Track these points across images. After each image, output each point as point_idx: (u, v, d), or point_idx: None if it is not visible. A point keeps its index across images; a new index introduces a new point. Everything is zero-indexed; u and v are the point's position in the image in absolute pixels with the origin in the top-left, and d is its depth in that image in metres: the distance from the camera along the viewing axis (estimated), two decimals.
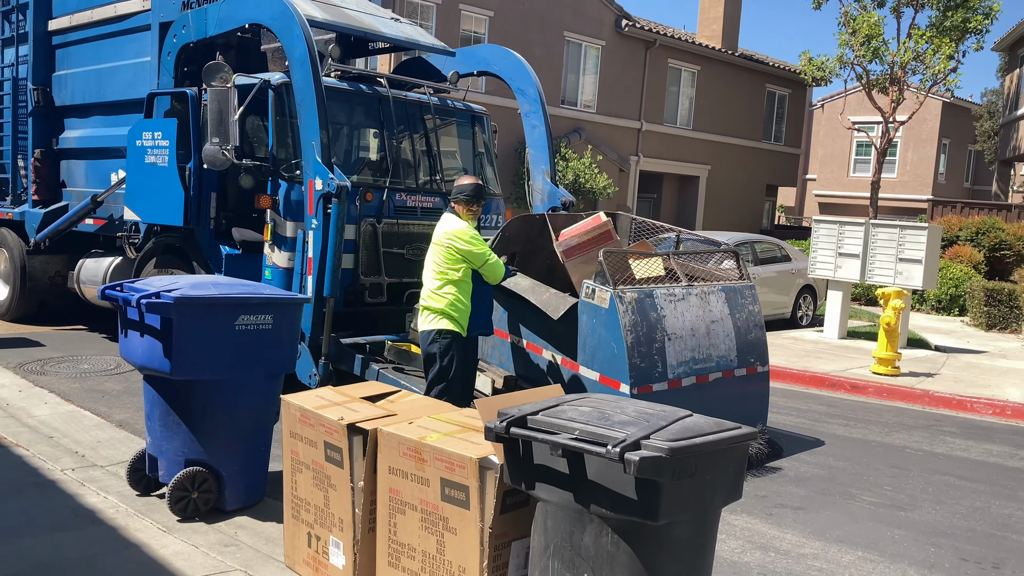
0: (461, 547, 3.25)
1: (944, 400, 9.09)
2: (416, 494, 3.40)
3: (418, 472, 3.39)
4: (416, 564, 3.42)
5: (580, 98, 23.36)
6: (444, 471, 3.29)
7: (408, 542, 3.45)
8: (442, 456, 3.30)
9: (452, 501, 3.27)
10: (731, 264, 7.09)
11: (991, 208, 23.44)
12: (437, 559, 3.34)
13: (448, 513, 3.29)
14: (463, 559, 3.25)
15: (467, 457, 3.21)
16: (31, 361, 8.18)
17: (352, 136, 8.35)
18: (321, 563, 3.86)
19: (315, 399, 4.05)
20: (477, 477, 3.18)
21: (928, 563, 4.78)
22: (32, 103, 9.96)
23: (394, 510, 3.49)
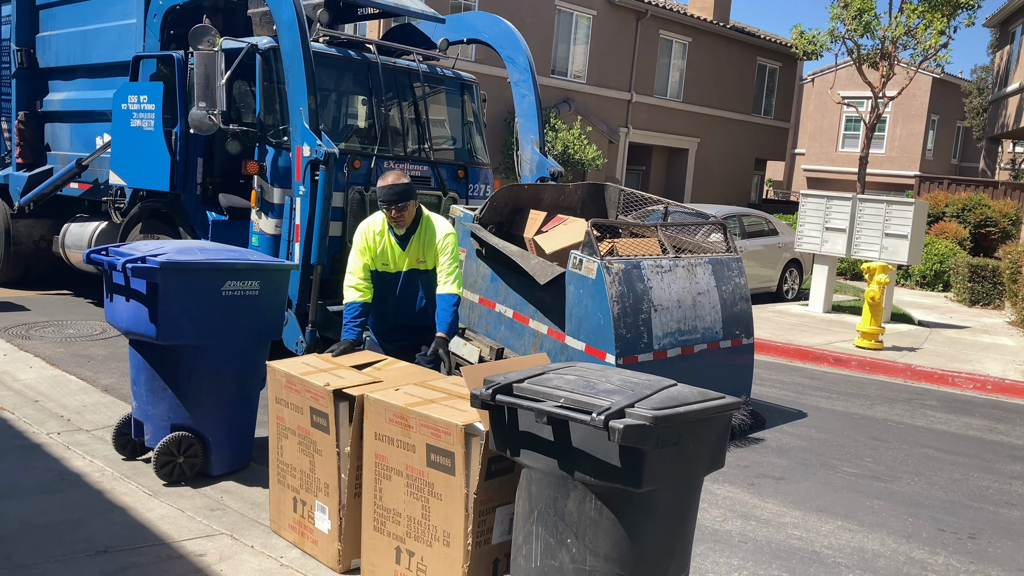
0: (446, 512, 3.29)
1: (926, 374, 9.19)
2: (402, 460, 3.43)
3: (404, 438, 3.41)
4: (401, 529, 3.45)
5: (570, 68, 23.21)
6: (430, 437, 3.31)
7: (393, 507, 3.48)
8: (428, 422, 3.32)
9: (437, 467, 3.30)
10: (718, 237, 7.12)
11: (978, 185, 23.54)
12: (422, 524, 3.37)
13: (433, 479, 3.32)
14: (448, 524, 3.28)
15: (453, 423, 3.23)
16: (16, 325, 8.14)
17: (340, 103, 8.29)
18: (307, 528, 3.88)
19: (301, 365, 4.04)
20: (463, 443, 3.20)
21: (906, 533, 4.86)
22: (15, 64, 9.81)
23: (380, 475, 3.52)
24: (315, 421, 3.78)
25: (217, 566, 3.68)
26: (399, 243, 4.70)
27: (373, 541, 3.57)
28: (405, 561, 3.45)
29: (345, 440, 3.65)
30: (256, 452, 5.02)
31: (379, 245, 4.69)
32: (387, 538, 3.51)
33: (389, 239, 4.69)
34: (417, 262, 4.75)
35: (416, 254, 4.74)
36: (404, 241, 4.70)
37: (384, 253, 4.71)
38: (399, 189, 4.54)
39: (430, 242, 4.73)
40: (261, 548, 3.89)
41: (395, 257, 4.72)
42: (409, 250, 4.72)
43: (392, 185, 4.53)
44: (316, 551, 3.84)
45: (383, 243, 4.69)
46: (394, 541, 3.49)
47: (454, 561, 3.26)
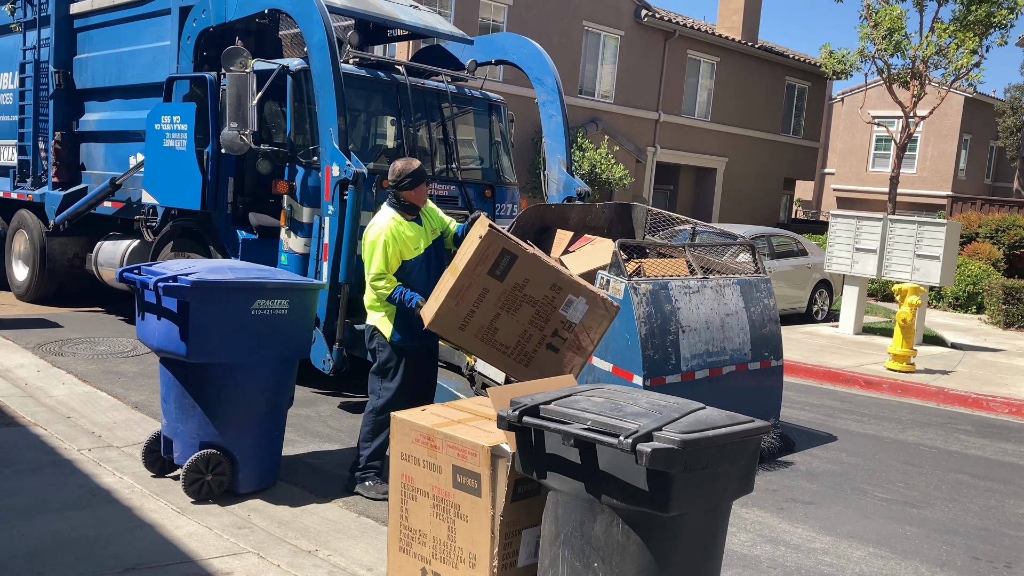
0: (472, 534, 3.27)
1: (959, 398, 9.04)
2: (428, 480, 3.42)
3: (430, 459, 3.40)
4: (427, 550, 3.44)
5: (598, 88, 23.26)
6: (456, 458, 3.30)
7: (419, 528, 3.47)
8: (454, 443, 3.31)
9: (464, 488, 3.29)
10: (747, 257, 7.07)
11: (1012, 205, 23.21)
12: (448, 545, 3.36)
13: (460, 500, 3.31)
14: (474, 546, 3.27)
15: (479, 445, 3.22)
16: (49, 342, 8.26)
17: (369, 123, 8.36)
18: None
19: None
20: (489, 465, 3.19)
21: (940, 561, 4.77)
22: (53, 86, 10.01)
23: (406, 496, 3.51)
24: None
25: None
26: (416, 222, 4.92)
27: (399, 562, 3.56)
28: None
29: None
30: (283, 471, 5.04)
31: (405, 233, 4.84)
32: (413, 559, 3.50)
33: (407, 223, 4.88)
34: (432, 232, 5.00)
35: (429, 225, 5.00)
36: (419, 219, 4.95)
37: (412, 239, 4.86)
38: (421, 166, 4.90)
39: (432, 215, 5.08)
40: (288, 567, 3.89)
41: (418, 238, 4.90)
42: (425, 225, 4.98)
43: (418, 167, 4.86)
44: None
45: (406, 230, 4.85)
46: (420, 562, 3.48)
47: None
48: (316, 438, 6.06)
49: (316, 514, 4.61)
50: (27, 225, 10.48)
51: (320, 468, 5.43)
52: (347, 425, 6.45)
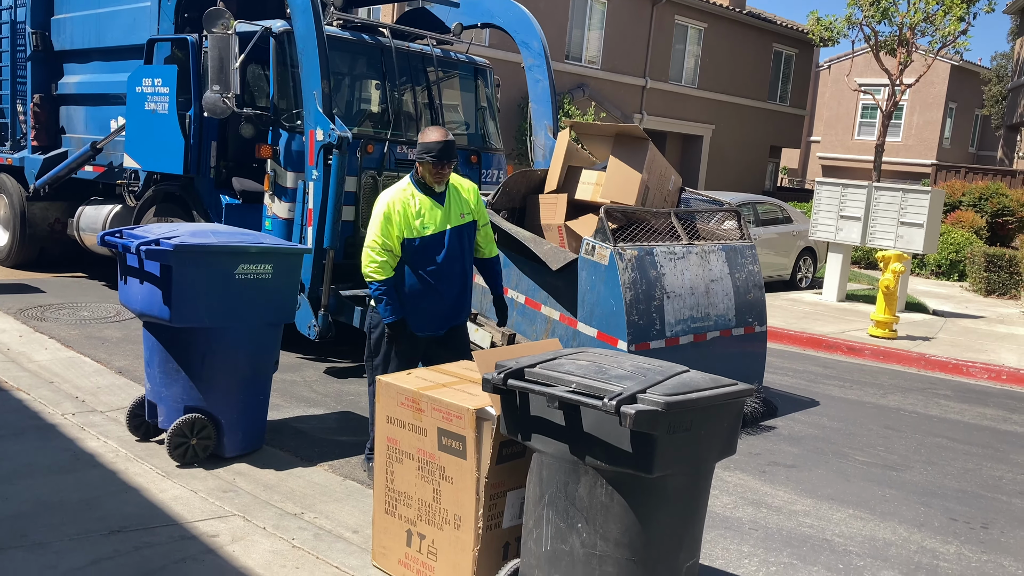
0: (457, 496, 3.29)
1: (940, 364, 9.14)
2: (414, 443, 3.43)
3: (416, 422, 3.41)
4: (412, 512, 3.47)
5: (585, 53, 23.08)
6: (442, 421, 3.32)
7: (405, 490, 3.49)
8: (440, 406, 3.32)
9: (449, 451, 3.31)
10: (732, 224, 7.08)
11: (995, 174, 23.31)
12: (433, 507, 3.38)
13: (445, 462, 3.33)
14: (459, 507, 3.29)
15: (464, 408, 3.23)
16: (31, 307, 8.20)
17: (354, 87, 8.27)
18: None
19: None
20: (474, 427, 3.21)
21: (918, 522, 4.84)
22: (31, 47, 9.84)
23: (391, 459, 3.53)
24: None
25: (230, 547, 3.71)
26: (436, 200, 4.45)
27: (385, 524, 3.59)
28: (416, 544, 3.47)
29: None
30: (269, 435, 5.05)
31: (414, 207, 4.38)
32: (398, 520, 3.53)
33: (423, 200, 4.42)
34: (461, 217, 4.51)
35: (460, 209, 4.51)
36: (441, 197, 4.47)
37: (422, 214, 4.39)
38: (452, 144, 4.39)
39: (470, 193, 4.60)
40: (273, 530, 3.91)
41: (436, 216, 4.42)
42: (449, 205, 4.48)
43: (445, 141, 4.35)
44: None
45: (418, 205, 4.40)
46: (405, 524, 3.50)
47: (465, 544, 3.27)
48: (302, 403, 6.07)
49: (302, 478, 4.62)
50: (7, 189, 10.35)
51: (306, 432, 5.44)
52: (332, 390, 6.46)
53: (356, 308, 6.78)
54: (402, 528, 3.52)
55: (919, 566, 4.27)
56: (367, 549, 3.77)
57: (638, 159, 6.73)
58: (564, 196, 6.84)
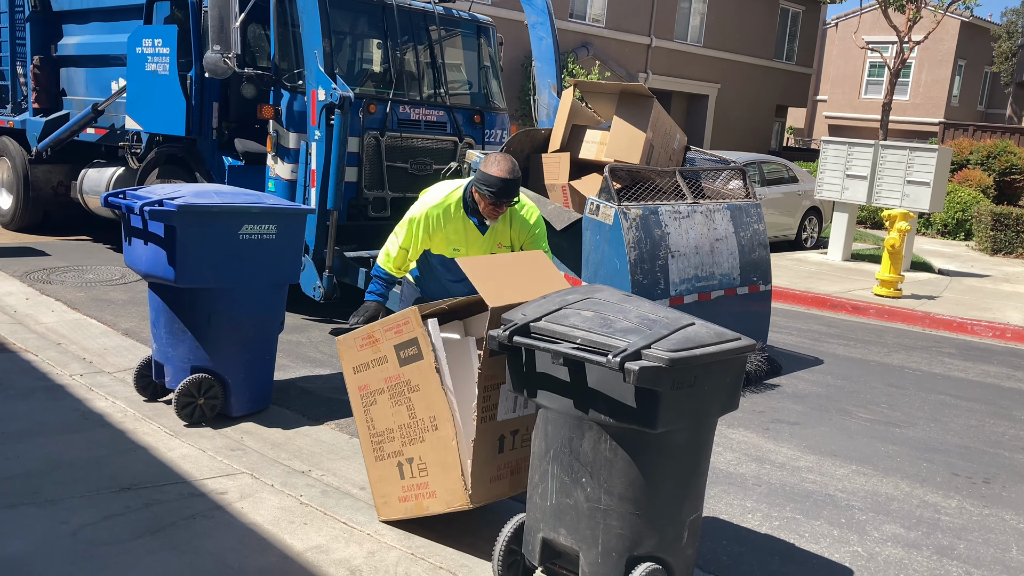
0: (427, 399, 3.33)
1: (944, 322, 9.14)
2: (380, 376, 3.47)
3: (376, 355, 3.45)
4: (396, 443, 3.49)
5: (589, 12, 22.80)
6: (394, 337, 3.36)
7: (385, 427, 3.52)
8: (389, 324, 3.38)
9: (409, 360, 3.35)
10: (738, 183, 7.04)
11: (1004, 132, 23.10)
12: (411, 424, 3.41)
13: (409, 374, 3.37)
14: (431, 408, 3.32)
15: (408, 312, 3.31)
16: (37, 270, 8.22)
17: (355, 46, 8.19)
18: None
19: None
20: (420, 323, 3.27)
21: (920, 477, 4.88)
22: (29, 8, 9.75)
23: (367, 404, 3.56)
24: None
25: (238, 504, 3.75)
26: (479, 227, 4.15)
27: (379, 472, 3.61)
28: (408, 471, 3.49)
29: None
30: (275, 395, 5.09)
31: (452, 230, 4.14)
32: (387, 460, 3.54)
33: (466, 222, 4.13)
34: (499, 247, 4.20)
35: (498, 238, 4.19)
36: (485, 226, 4.15)
37: (458, 237, 4.15)
38: (517, 183, 3.96)
39: (521, 227, 4.20)
40: (281, 487, 3.96)
41: (471, 241, 4.16)
42: (490, 234, 4.17)
43: (510, 179, 3.91)
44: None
45: (457, 228, 4.14)
46: (394, 459, 3.52)
47: (446, 441, 3.30)
48: (308, 363, 6.10)
49: (309, 436, 4.66)
50: (9, 152, 10.32)
51: (312, 392, 5.47)
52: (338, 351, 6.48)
53: (361, 269, 6.79)
54: (393, 465, 3.54)
55: (921, 520, 4.31)
56: (374, 505, 3.82)
57: (642, 118, 6.68)
58: (568, 155, 6.80)
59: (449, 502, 3.39)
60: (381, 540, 3.53)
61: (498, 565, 3.19)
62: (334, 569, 3.28)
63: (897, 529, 4.18)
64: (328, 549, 3.43)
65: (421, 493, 3.48)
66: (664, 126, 6.92)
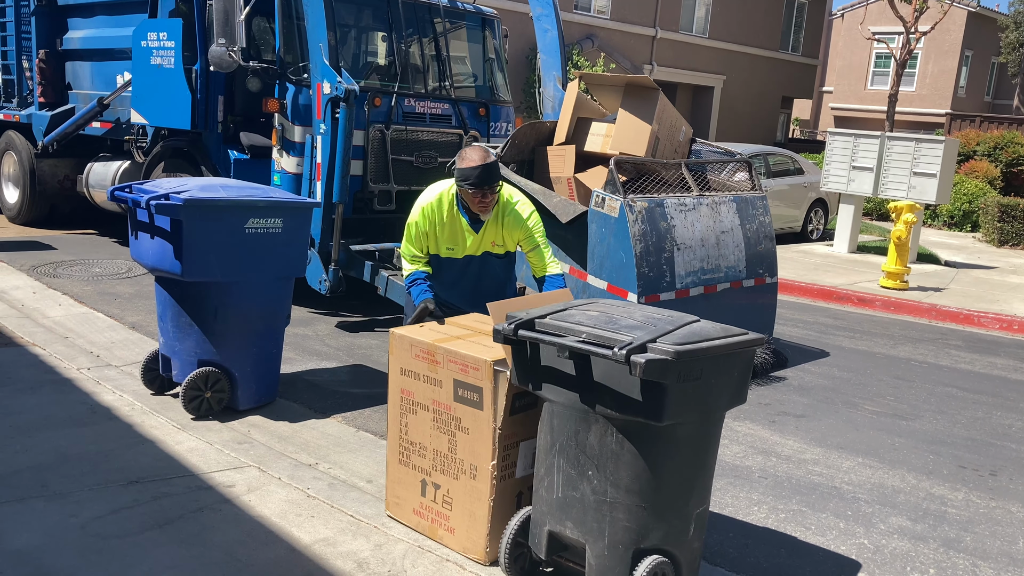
0: (473, 446, 3.33)
1: (951, 314, 9.12)
2: (428, 395, 3.46)
3: (431, 374, 3.43)
4: (427, 462, 3.50)
5: (593, 3, 22.73)
6: (458, 372, 3.34)
7: (419, 441, 3.53)
8: (456, 358, 3.34)
9: (465, 402, 3.33)
10: (744, 175, 7.02)
11: (1011, 122, 22.99)
12: (449, 457, 3.42)
13: (461, 413, 3.35)
14: (475, 458, 3.33)
15: (481, 359, 3.25)
16: (44, 264, 8.24)
17: (360, 39, 8.18)
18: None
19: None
20: (491, 379, 3.23)
21: (927, 470, 4.88)
22: (35, 2, 9.75)
23: (405, 410, 3.56)
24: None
25: (246, 496, 3.77)
26: (472, 225, 4.05)
27: (399, 474, 3.64)
28: (431, 493, 3.51)
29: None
30: (282, 388, 5.10)
31: (447, 228, 4.05)
32: (412, 471, 3.57)
33: (460, 221, 4.04)
34: (493, 245, 4.12)
35: (492, 237, 4.10)
36: (478, 223, 4.05)
37: (453, 236, 4.07)
38: (493, 168, 3.85)
39: (514, 224, 4.09)
40: (288, 480, 3.97)
41: (465, 241, 4.08)
42: (484, 232, 4.08)
43: (484, 165, 3.82)
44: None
45: (452, 226, 4.06)
46: (420, 474, 3.54)
47: (481, 493, 3.32)
48: (314, 356, 6.11)
49: (315, 429, 4.68)
50: (15, 147, 10.34)
51: (319, 385, 5.49)
52: (344, 344, 6.50)
53: (366, 263, 6.80)
54: (416, 478, 3.56)
55: (927, 512, 4.31)
56: (381, 498, 3.83)
57: (648, 110, 6.66)
58: (573, 148, 6.79)
59: (466, 548, 3.41)
60: (388, 533, 3.55)
61: (505, 558, 3.20)
62: (341, 561, 3.29)
63: (903, 521, 4.18)
64: (335, 542, 3.44)
65: (439, 522, 3.51)
66: (670, 118, 6.90)
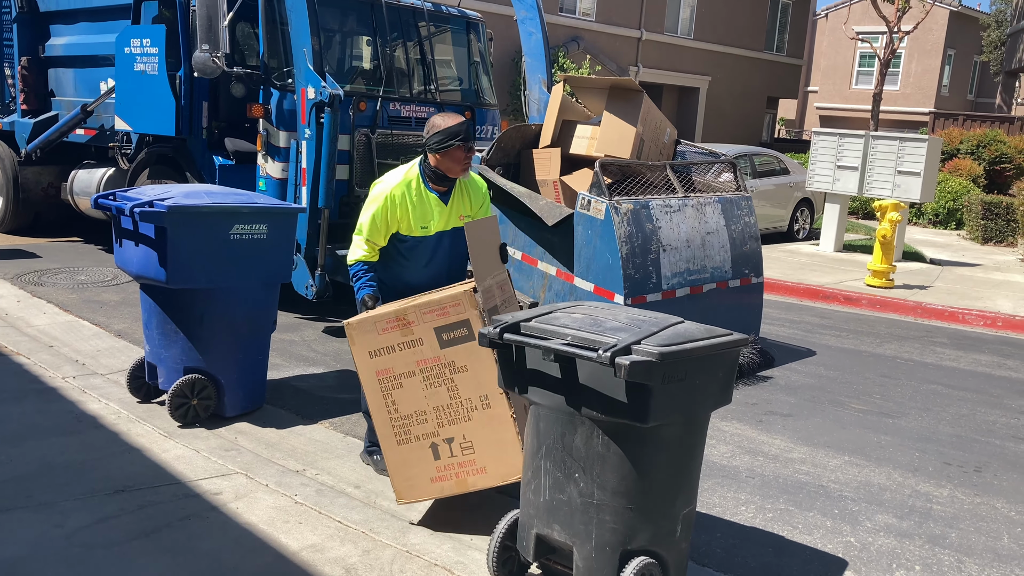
0: (477, 378, 3.33)
1: (936, 312, 9.18)
2: (410, 359, 3.45)
3: (406, 338, 3.43)
4: (430, 425, 3.47)
5: (579, 5, 22.78)
6: (437, 319, 3.36)
7: (413, 410, 3.49)
8: (431, 307, 3.36)
9: (454, 342, 3.34)
10: (729, 176, 7.05)
11: (993, 120, 23.17)
12: (453, 404, 3.41)
13: (453, 356, 3.36)
14: (483, 387, 3.32)
15: (458, 292, 3.29)
16: (28, 272, 8.19)
17: (344, 43, 8.18)
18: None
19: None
20: (474, 305, 3.25)
21: (912, 467, 4.91)
22: (16, 9, 9.70)
23: (387, 389, 3.53)
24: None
25: (233, 504, 3.76)
26: (441, 198, 4.01)
27: (401, 456, 3.58)
28: (445, 451, 3.49)
29: None
30: (269, 394, 5.09)
31: (418, 208, 3.97)
32: (415, 443, 3.53)
33: (429, 198, 3.98)
34: (460, 219, 4.06)
35: (459, 209, 4.07)
36: (446, 196, 4.02)
37: (425, 215, 3.98)
38: (466, 125, 3.90)
39: (475, 188, 4.12)
40: (276, 487, 3.96)
41: (436, 216, 4.00)
42: (452, 205, 4.04)
43: (464, 122, 3.90)
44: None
45: (422, 203, 3.98)
46: (425, 441, 3.52)
47: (502, 417, 3.30)
48: (301, 362, 6.10)
49: (303, 435, 4.67)
50: None
51: (306, 391, 5.48)
52: (331, 349, 6.49)
53: None
54: (424, 447, 3.52)
55: (913, 509, 4.33)
56: (369, 504, 3.83)
57: (632, 112, 6.68)
58: (559, 151, 6.80)
59: (506, 476, 3.42)
60: (376, 538, 3.54)
61: (492, 561, 3.20)
62: (329, 568, 3.29)
63: (890, 519, 4.21)
64: (323, 548, 3.43)
65: (465, 471, 3.48)
66: (654, 120, 6.92)
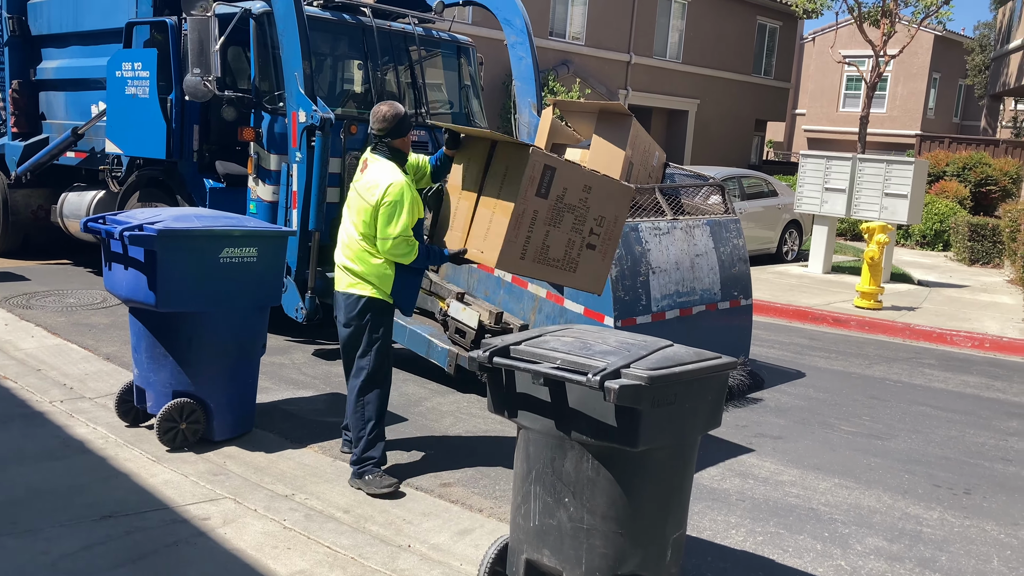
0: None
1: (925, 333, 9.22)
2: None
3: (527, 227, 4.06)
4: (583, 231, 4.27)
5: (568, 29, 22.96)
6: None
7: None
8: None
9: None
10: (717, 198, 7.10)
11: (979, 143, 23.39)
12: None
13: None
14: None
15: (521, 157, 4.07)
16: (16, 295, 8.16)
17: (336, 67, 8.22)
18: None
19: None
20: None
21: (902, 489, 4.92)
22: (7, 32, 9.72)
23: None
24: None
25: (221, 529, 3.73)
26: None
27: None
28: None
29: None
30: (258, 418, 5.07)
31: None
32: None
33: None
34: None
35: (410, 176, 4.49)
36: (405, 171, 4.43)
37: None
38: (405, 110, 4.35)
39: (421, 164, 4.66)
40: (264, 511, 3.94)
41: None
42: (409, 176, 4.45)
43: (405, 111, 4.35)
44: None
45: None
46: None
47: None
48: (290, 385, 6.08)
49: (292, 459, 4.65)
50: None
51: (295, 415, 5.46)
52: (321, 372, 6.48)
53: None
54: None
55: (903, 532, 4.34)
56: (359, 528, 3.81)
57: (621, 136, 6.73)
58: None
59: None
60: (365, 564, 3.52)
61: None
62: None
63: (879, 542, 4.21)
64: (312, 574, 3.41)
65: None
66: (643, 144, 6.96)
